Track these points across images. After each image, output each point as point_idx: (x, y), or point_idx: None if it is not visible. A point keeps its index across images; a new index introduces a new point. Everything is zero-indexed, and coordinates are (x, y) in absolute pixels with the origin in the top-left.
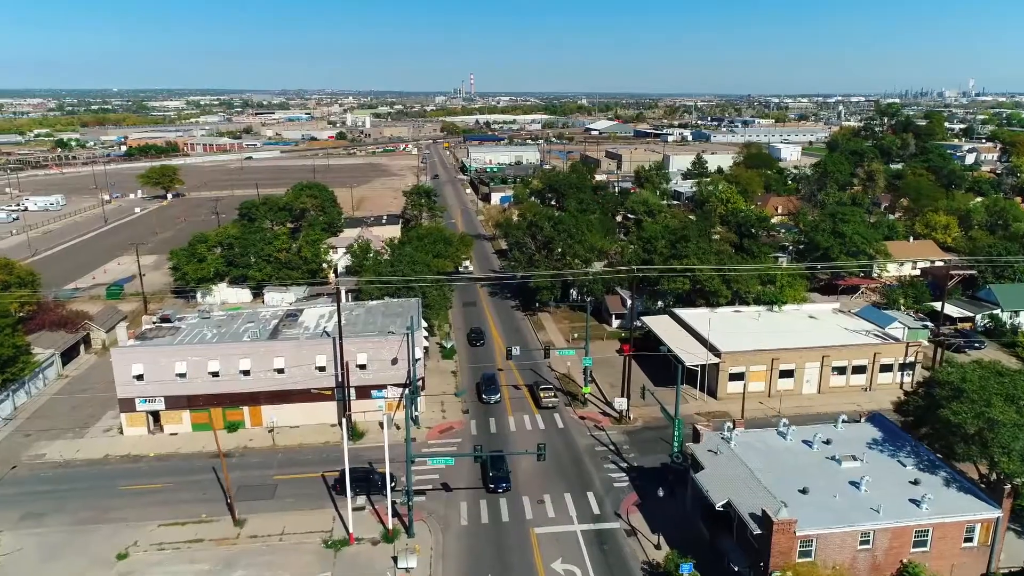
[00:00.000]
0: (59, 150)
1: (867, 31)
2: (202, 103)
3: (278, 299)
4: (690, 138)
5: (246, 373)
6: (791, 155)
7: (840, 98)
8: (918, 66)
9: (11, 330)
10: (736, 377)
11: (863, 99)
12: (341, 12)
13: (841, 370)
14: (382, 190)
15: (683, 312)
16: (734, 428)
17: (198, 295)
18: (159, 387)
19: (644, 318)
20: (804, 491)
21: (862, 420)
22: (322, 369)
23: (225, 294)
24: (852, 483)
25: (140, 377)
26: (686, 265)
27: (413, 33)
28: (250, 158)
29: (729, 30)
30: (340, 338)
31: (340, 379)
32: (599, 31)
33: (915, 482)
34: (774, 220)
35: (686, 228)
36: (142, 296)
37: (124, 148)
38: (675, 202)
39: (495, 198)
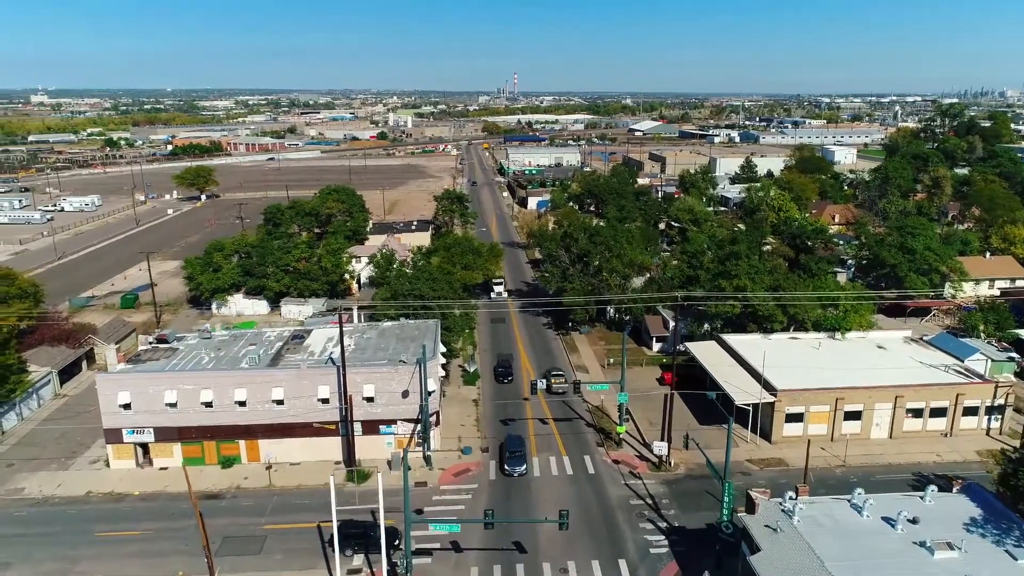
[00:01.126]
0: (108, 149)
1: (923, 28)
2: (250, 103)
3: (295, 312)
4: (738, 139)
5: (242, 404)
6: (845, 158)
7: (894, 97)
8: (976, 64)
9: (0, 348)
10: (794, 418)
11: (919, 99)
12: (389, 12)
13: (917, 412)
14: (417, 193)
15: (732, 338)
16: (797, 496)
17: (213, 306)
18: (148, 417)
19: (688, 344)
20: None
21: (955, 490)
22: (325, 401)
23: (241, 305)
24: None
25: (127, 406)
26: (736, 285)
27: (459, 32)
28: (272, 159)
29: (778, 28)
30: (343, 368)
31: (344, 413)
32: (645, 28)
33: None
34: (831, 230)
35: (735, 240)
36: (154, 307)
37: (170, 147)
38: (722, 208)
39: (532, 202)
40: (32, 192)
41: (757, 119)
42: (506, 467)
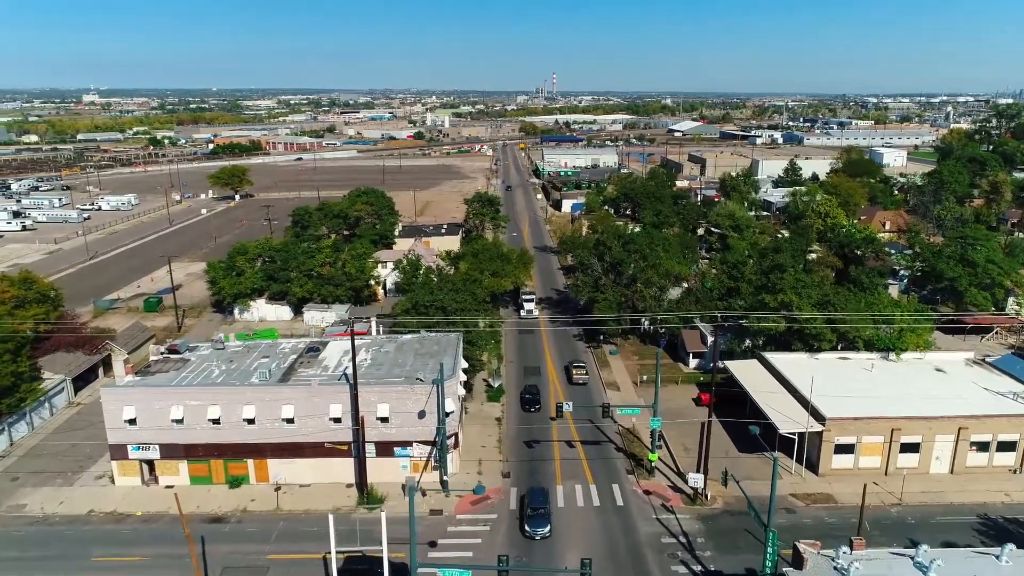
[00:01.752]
0: (151, 148)
1: (976, 25)
2: (292, 102)
3: (318, 318)
4: (781, 140)
5: (250, 422)
6: (895, 161)
7: (945, 97)
8: None
9: (11, 356)
10: (844, 449)
11: (971, 99)
12: (432, 12)
13: (982, 446)
14: (450, 194)
15: (776, 357)
16: (851, 551)
17: (235, 311)
18: (153, 433)
19: (728, 363)
20: None
21: None
22: (337, 420)
23: (263, 311)
24: None
25: (132, 421)
26: (781, 300)
27: (500, 31)
28: (300, 159)
29: (823, 26)
30: (355, 386)
31: (356, 434)
32: (686, 27)
33: None
34: (880, 236)
35: (779, 249)
36: (176, 312)
37: (211, 147)
38: (764, 213)
39: (566, 205)
40: (72, 190)
41: (801, 119)
42: (527, 528)
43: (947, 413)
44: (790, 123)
